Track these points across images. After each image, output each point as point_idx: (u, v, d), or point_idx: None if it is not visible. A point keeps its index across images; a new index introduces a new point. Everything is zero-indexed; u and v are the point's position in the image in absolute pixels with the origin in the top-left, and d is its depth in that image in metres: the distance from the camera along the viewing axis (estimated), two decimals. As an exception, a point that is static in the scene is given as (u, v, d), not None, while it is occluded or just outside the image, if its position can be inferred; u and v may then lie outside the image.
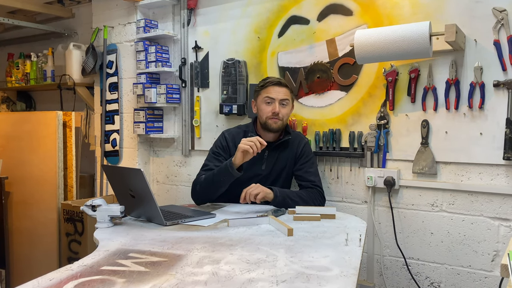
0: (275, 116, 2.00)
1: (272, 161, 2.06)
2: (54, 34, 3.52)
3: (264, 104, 2.03)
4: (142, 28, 2.79)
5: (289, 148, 2.09)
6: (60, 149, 2.89)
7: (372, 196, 2.18)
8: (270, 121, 2.01)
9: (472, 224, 1.95)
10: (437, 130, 2.00)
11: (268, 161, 2.06)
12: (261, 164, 2.06)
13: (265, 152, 2.05)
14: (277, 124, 2.02)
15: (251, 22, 2.50)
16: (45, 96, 3.75)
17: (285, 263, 1.19)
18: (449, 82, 1.95)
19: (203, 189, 1.94)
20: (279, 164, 2.07)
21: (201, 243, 1.37)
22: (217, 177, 1.88)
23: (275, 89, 2.02)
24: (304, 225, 1.63)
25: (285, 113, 2.03)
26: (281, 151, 2.08)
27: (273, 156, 2.07)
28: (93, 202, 1.61)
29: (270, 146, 2.05)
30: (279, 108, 2.00)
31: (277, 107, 2.00)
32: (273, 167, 2.06)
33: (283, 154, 2.08)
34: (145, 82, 2.77)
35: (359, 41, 1.90)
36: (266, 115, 2.02)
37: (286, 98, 2.03)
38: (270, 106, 2.01)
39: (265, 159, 2.06)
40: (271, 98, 2.01)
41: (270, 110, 2.01)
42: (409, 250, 2.10)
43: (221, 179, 1.88)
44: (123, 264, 1.18)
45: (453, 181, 1.98)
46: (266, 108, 2.02)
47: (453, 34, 1.75)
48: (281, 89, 2.02)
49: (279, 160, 2.07)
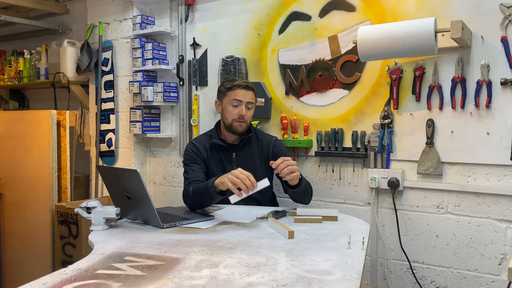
0: (241, 120, 2.07)
1: (243, 160, 2.10)
2: (48, 31, 3.52)
3: (231, 107, 2.08)
4: (139, 24, 2.79)
5: (254, 142, 2.15)
6: (54, 149, 2.89)
7: (375, 198, 2.18)
8: (235, 123, 2.08)
9: (479, 226, 1.95)
10: (442, 130, 2.00)
11: (237, 162, 2.09)
12: (231, 167, 2.07)
13: (233, 154, 2.11)
14: (242, 127, 2.09)
15: (251, 18, 2.50)
16: (38, 94, 3.75)
17: (286, 267, 1.19)
18: (455, 80, 1.95)
19: (193, 203, 1.93)
20: (251, 160, 2.11)
21: (199, 246, 1.37)
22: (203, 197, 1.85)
23: (242, 92, 2.07)
24: (305, 227, 1.63)
25: (249, 116, 2.11)
26: (248, 148, 2.14)
27: (242, 156, 2.12)
28: (88, 204, 1.61)
29: (235, 147, 2.13)
30: (245, 111, 2.07)
31: (244, 110, 2.07)
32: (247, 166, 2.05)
33: (251, 151, 2.13)
34: (142, 80, 2.78)
35: (362, 37, 1.90)
36: (233, 118, 2.07)
37: (251, 101, 2.11)
38: (237, 109, 2.07)
39: (234, 161, 2.11)
40: (238, 101, 2.07)
41: (236, 113, 2.06)
42: (413, 253, 2.11)
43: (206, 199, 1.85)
44: (119, 267, 1.18)
45: (459, 182, 1.98)
46: (232, 110, 2.08)
47: (459, 31, 1.75)
48: (248, 93, 2.09)
49: (249, 158, 2.12)
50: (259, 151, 2.14)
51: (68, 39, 3.20)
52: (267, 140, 2.17)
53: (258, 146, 2.15)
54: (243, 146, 2.14)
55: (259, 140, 2.17)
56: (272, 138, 2.20)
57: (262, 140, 2.17)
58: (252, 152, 2.14)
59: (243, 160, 2.10)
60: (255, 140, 2.16)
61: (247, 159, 2.12)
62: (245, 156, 2.12)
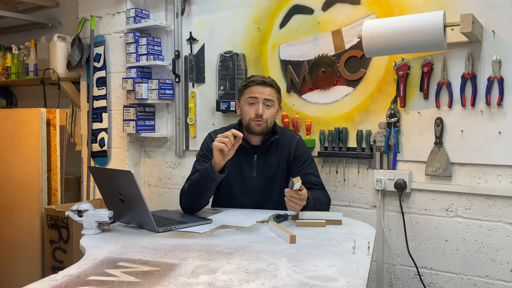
0: (258, 118, 1.98)
1: (262, 166, 2.05)
2: (37, 25, 3.52)
3: (247, 105, 2.01)
4: (132, 18, 2.79)
5: (278, 149, 2.06)
6: (43, 149, 2.89)
7: (381, 200, 2.18)
8: (253, 123, 1.99)
9: (490, 230, 1.95)
10: (452, 129, 2.00)
11: (258, 166, 2.05)
12: (251, 170, 2.05)
13: (254, 157, 2.05)
14: (260, 126, 1.99)
15: (251, 12, 2.50)
16: (27, 91, 3.75)
17: (287, 273, 1.19)
18: (465, 76, 1.95)
19: (189, 200, 1.92)
20: (270, 168, 2.05)
21: (196, 251, 1.37)
22: (200, 184, 1.85)
23: (258, 89, 1.99)
24: (307, 231, 1.63)
25: (269, 115, 2.00)
26: (271, 154, 2.06)
27: (263, 160, 2.05)
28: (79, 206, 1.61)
29: (258, 150, 2.05)
30: (262, 109, 1.98)
31: (261, 108, 1.98)
32: (265, 173, 2.05)
33: (273, 157, 2.06)
34: (136, 76, 2.78)
35: (367, 32, 1.90)
36: (249, 117, 2.00)
37: (270, 98, 2.01)
38: (253, 107, 1.99)
39: (254, 164, 2.05)
40: (254, 98, 1.99)
41: (253, 112, 1.99)
42: (421, 259, 2.11)
43: (205, 186, 1.85)
44: (111, 274, 1.18)
45: (470, 184, 1.98)
46: (249, 109, 2.00)
47: (469, 25, 1.75)
48: (265, 89, 2.00)
49: (269, 164, 2.05)
50: (280, 153, 2.06)
51: (58, 33, 3.20)
52: (289, 139, 2.08)
53: (279, 149, 2.06)
54: (267, 150, 2.05)
55: (283, 141, 2.07)
56: (295, 137, 2.10)
57: (285, 140, 2.07)
58: (274, 157, 2.05)
59: (263, 165, 2.04)
60: (279, 142, 2.06)
61: (268, 164, 2.05)
62: (266, 161, 2.05)
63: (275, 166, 2.06)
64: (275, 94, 2.04)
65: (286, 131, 2.15)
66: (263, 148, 2.06)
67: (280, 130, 2.09)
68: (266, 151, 2.06)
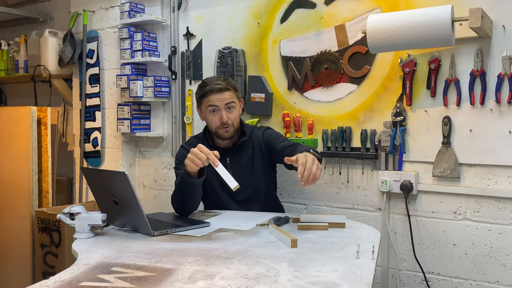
0: (224, 125, 2.04)
1: (237, 165, 2.10)
2: (27, 20, 3.52)
3: (210, 114, 2.07)
4: (127, 12, 2.79)
5: (250, 147, 2.13)
6: (34, 149, 2.89)
7: (386, 203, 2.18)
8: (220, 131, 2.06)
9: (500, 234, 1.95)
10: (460, 128, 2.00)
11: (232, 167, 2.09)
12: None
13: (226, 159, 2.09)
14: (229, 132, 2.07)
15: (250, 6, 2.50)
16: (17, 89, 3.74)
17: (288, 278, 1.19)
18: (474, 73, 1.95)
19: (178, 205, 1.98)
20: (245, 166, 2.11)
21: (193, 256, 1.38)
22: (182, 190, 1.91)
23: (216, 97, 2.03)
24: (309, 235, 1.63)
25: (234, 117, 2.07)
26: (243, 153, 2.13)
27: (236, 161, 2.11)
28: (72, 209, 1.61)
29: (229, 152, 2.11)
30: (226, 115, 2.03)
31: (224, 115, 2.03)
32: (241, 171, 2.09)
33: (245, 155, 2.12)
34: (130, 73, 2.78)
35: (372, 27, 1.90)
36: (215, 126, 2.06)
37: (231, 101, 2.05)
38: (217, 115, 2.05)
39: (228, 167, 2.08)
40: (215, 106, 2.04)
41: (217, 120, 2.05)
42: (428, 264, 2.11)
43: (186, 191, 1.90)
44: (105, 279, 1.18)
45: (479, 186, 1.98)
46: (212, 118, 2.06)
47: (479, 20, 1.75)
48: (223, 95, 2.03)
49: (244, 163, 2.11)
50: (252, 150, 2.13)
51: (49, 28, 3.19)
52: (257, 135, 2.15)
53: (251, 146, 2.14)
54: (238, 150, 2.13)
55: (252, 139, 2.14)
56: (260, 130, 2.17)
57: (254, 138, 2.14)
58: (247, 155, 2.13)
59: (238, 165, 2.10)
60: (249, 141, 2.14)
61: (242, 163, 2.11)
62: (240, 160, 2.12)
63: (251, 164, 2.12)
64: (234, 95, 2.08)
65: (254, 128, 2.22)
66: (234, 149, 2.13)
67: (248, 131, 2.15)
68: (238, 152, 2.13)
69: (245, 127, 2.17)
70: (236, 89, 2.11)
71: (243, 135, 2.14)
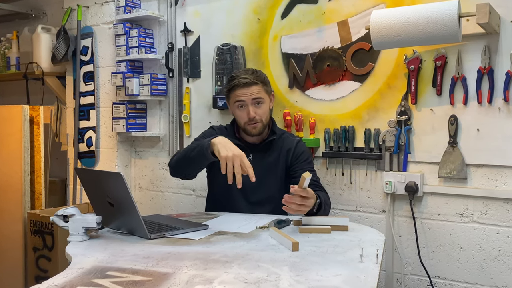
0: (252, 121, 2.05)
1: (259, 164, 2.07)
2: (19, 15, 3.52)
3: (237, 109, 2.08)
4: (122, 8, 2.79)
5: (277, 149, 2.12)
6: (26, 149, 2.89)
7: (391, 205, 2.18)
8: (249, 127, 2.07)
9: (508, 237, 1.95)
10: (467, 128, 2.00)
11: (254, 165, 2.06)
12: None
13: (250, 155, 2.08)
14: (256, 128, 2.07)
15: (250, 1, 2.50)
16: (8, 87, 3.74)
17: (289, 283, 1.19)
18: (481, 71, 1.95)
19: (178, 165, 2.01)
20: (267, 167, 2.10)
21: (191, 260, 1.38)
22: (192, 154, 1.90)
23: (243, 91, 2.04)
24: (311, 238, 1.63)
25: (262, 113, 2.07)
26: (268, 153, 2.12)
27: (259, 159, 2.10)
28: (65, 211, 1.61)
29: (254, 148, 2.11)
30: (253, 111, 2.04)
31: (251, 111, 2.04)
32: (261, 171, 2.06)
33: (270, 156, 2.11)
34: (126, 71, 2.78)
35: (376, 23, 1.90)
36: (243, 121, 2.07)
37: (258, 96, 2.05)
38: (244, 111, 2.06)
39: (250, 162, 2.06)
40: (242, 101, 2.05)
41: (245, 116, 2.05)
42: (434, 268, 2.11)
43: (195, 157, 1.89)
44: (100, 284, 1.18)
45: (486, 187, 1.98)
46: (240, 113, 2.07)
47: (486, 15, 1.75)
48: (250, 89, 2.04)
49: (266, 163, 2.10)
50: (279, 153, 2.11)
51: (42, 24, 3.19)
52: (289, 139, 2.13)
53: (278, 149, 2.11)
54: (263, 149, 2.11)
55: (282, 142, 2.13)
56: (296, 138, 2.17)
57: (284, 140, 2.13)
58: (272, 156, 2.11)
59: (260, 164, 2.06)
60: (278, 143, 2.12)
61: (265, 162, 2.09)
62: (263, 159, 2.10)
63: (273, 167, 2.10)
64: (262, 89, 2.07)
65: (286, 133, 2.21)
66: (260, 147, 2.11)
67: (279, 132, 2.15)
68: (263, 151, 2.11)
69: (276, 126, 2.17)
70: (265, 83, 2.10)
71: (272, 134, 2.13)
